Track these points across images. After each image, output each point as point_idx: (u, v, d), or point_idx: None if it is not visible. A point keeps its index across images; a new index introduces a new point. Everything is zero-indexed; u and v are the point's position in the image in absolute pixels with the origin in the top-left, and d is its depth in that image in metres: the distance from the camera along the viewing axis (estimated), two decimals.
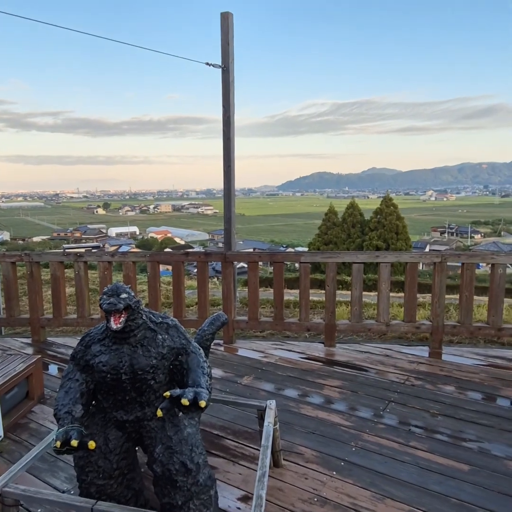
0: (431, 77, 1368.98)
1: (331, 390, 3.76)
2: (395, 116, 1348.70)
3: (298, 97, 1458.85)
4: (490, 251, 18.63)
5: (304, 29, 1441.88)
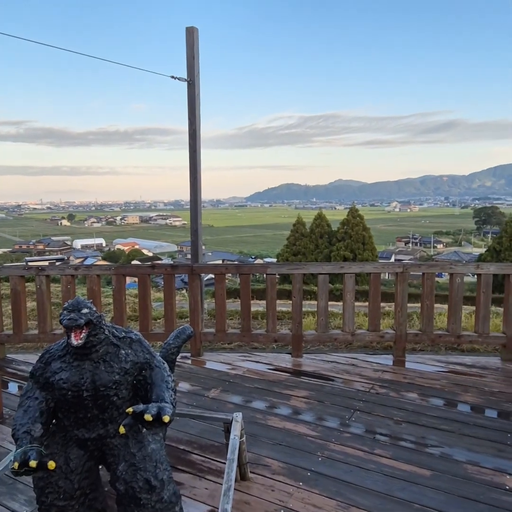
0: (393, 93, 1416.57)
1: (298, 401, 3.79)
2: (360, 129, 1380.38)
3: (265, 110, 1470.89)
4: (448, 261, 19.26)
5: (269, 43, 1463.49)
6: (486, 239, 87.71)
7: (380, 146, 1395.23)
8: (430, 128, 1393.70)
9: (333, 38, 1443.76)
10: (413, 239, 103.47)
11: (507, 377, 4.22)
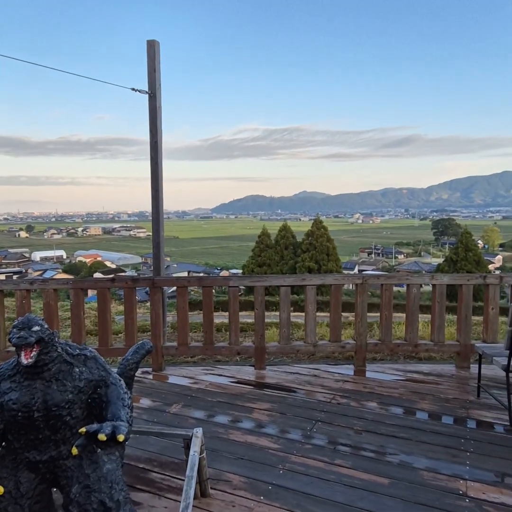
0: (355, 108, 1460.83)
1: (260, 414, 3.79)
2: (324, 143, 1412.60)
3: (230, 122, 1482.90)
4: (405, 272, 19.89)
5: (233, 57, 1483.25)
6: (444, 250, 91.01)
7: (342, 159, 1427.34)
8: (389, 143, 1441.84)
9: (297, 52, 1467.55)
10: (375, 249, 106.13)
11: (461, 383, 4.37)
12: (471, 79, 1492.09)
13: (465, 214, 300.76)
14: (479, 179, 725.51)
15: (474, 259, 44.30)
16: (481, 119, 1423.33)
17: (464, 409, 3.80)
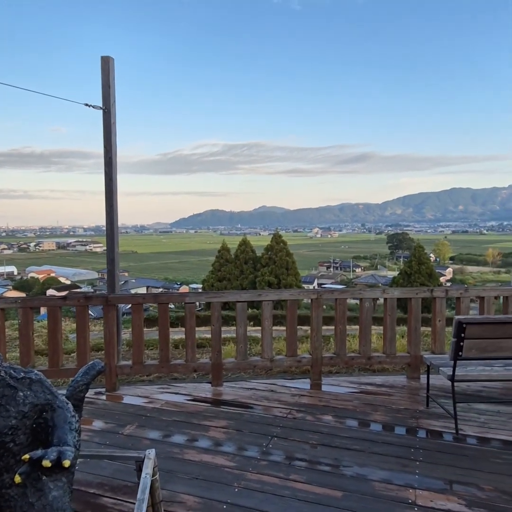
0: (313, 125, 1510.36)
1: (217, 431, 3.76)
2: (283, 158, 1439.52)
3: (190, 137, 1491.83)
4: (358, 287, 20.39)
5: (192, 73, 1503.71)
6: (398, 263, 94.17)
7: (301, 175, 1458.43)
8: (346, 160, 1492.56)
9: (256, 68, 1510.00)
10: (334, 263, 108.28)
11: (412, 394, 4.52)
12: (421, 102, 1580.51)
13: (417, 228, 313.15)
14: (430, 195, 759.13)
15: (427, 272, 46.11)
16: (431, 139, 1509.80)
17: (414, 419, 3.93)
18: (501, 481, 2.96)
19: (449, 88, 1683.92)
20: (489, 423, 3.79)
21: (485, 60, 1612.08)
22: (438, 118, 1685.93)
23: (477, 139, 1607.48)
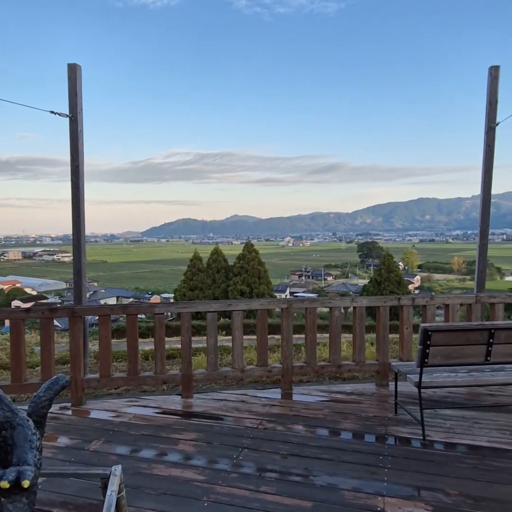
0: (283, 135, 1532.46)
1: (186, 444, 3.70)
2: (255, 168, 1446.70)
3: (161, 146, 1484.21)
4: (335, 293, 20.71)
5: (164, 81, 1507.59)
6: (369, 271, 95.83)
7: (273, 184, 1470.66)
8: (317, 169, 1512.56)
9: (228, 77, 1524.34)
10: (305, 272, 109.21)
11: (380, 401, 4.58)
12: (390, 115, 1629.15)
13: (386, 237, 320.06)
14: (398, 205, 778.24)
15: (396, 279, 47.12)
16: (399, 151, 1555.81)
17: (383, 426, 3.98)
18: (465, 485, 3.03)
19: (417, 103, 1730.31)
20: (454, 428, 3.88)
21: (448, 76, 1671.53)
22: (403, 134, 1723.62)
23: (442, 151, 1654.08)
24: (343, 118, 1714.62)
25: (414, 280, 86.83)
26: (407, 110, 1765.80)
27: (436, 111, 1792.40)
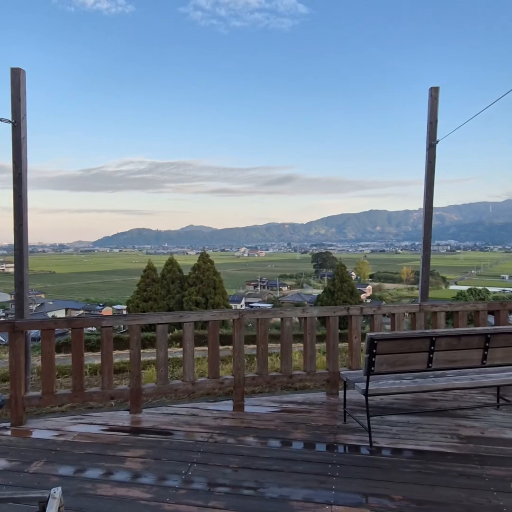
0: (240, 147, 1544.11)
1: (133, 462, 3.58)
2: (210, 178, 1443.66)
3: (115, 154, 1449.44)
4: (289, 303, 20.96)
5: (116, 89, 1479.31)
6: (323, 281, 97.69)
7: (229, 194, 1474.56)
8: (272, 180, 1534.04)
9: (181, 88, 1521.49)
10: (261, 282, 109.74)
11: (330, 410, 4.65)
12: (343, 129, 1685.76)
13: (340, 248, 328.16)
14: (350, 216, 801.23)
15: (349, 289, 48.35)
16: (351, 164, 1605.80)
17: (332, 434, 4.03)
18: (409, 489, 3.12)
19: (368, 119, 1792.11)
20: (399, 433, 4.00)
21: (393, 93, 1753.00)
22: (354, 148, 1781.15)
23: (392, 165, 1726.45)
24: (297, 131, 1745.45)
25: (366, 290, 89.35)
26: (358, 123, 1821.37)
27: (385, 124, 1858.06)
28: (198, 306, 40.98)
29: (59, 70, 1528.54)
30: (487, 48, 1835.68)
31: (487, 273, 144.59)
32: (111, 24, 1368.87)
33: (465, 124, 5.33)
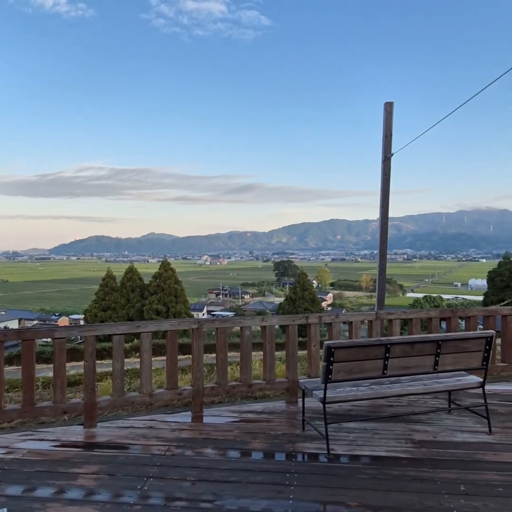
0: (203, 155, 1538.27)
1: (87, 479, 3.45)
2: (172, 186, 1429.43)
3: (73, 159, 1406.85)
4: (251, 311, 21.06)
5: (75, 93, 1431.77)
6: (284, 289, 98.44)
7: (191, 202, 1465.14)
8: (234, 189, 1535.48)
9: (144, 95, 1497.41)
10: (223, 290, 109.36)
11: (289, 418, 4.66)
12: (302, 143, 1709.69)
13: (301, 256, 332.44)
14: (312, 225, 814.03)
15: (310, 297, 48.96)
16: (313, 174, 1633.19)
17: (291, 443, 4.04)
18: (365, 496, 3.16)
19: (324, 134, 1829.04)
20: (356, 440, 4.06)
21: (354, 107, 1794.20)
22: (319, 156, 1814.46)
23: (353, 176, 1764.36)
24: (260, 141, 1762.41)
25: (327, 298, 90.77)
26: (322, 135, 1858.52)
27: (347, 135, 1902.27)
28: (159, 315, 40.28)
29: (16, 72, 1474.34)
30: (440, 66, 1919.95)
31: (441, 280, 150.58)
32: (69, 28, 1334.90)
33: (420, 138, 5.56)
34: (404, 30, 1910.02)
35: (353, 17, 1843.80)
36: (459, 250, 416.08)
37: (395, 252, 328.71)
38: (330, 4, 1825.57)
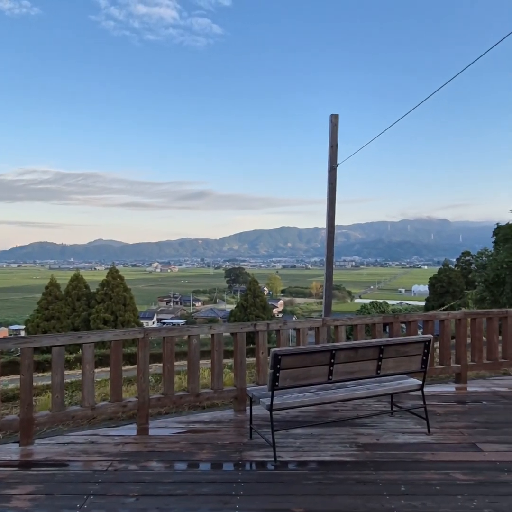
0: (152, 161, 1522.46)
1: (21, 500, 3.25)
2: (121, 191, 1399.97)
3: (15, 162, 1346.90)
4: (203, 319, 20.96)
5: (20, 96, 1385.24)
6: (236, 296, 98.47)
7: (141, 208, 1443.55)
8: (185, 196, 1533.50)
9: (92, 101, 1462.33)
10: (174, 298, 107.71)
11: (237, 427, 4.64)
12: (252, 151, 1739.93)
13: (252, 263, 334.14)
14: (263, 232, 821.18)
15: (261, 304, 49.25)
16: (263, 183, 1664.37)
17: (238, 452, 4.01)
18: (310, 501, 3.19)
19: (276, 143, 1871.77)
20: (303, 446, 4.09)
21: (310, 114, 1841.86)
22: (269, 164, 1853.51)
23: (303, 184, 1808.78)
24: (210, 148, 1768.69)
25: (278, 304, 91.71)
26: (273, 144, 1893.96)
27: (297, 144, 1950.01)
28: (106, 324, 39.00)
29: None
30: (385, 78, 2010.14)
31: (387, 287, 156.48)
32: (12, 25, 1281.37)
33: (365, 149, 5.75)
34: (358, 38, 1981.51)
35: (307, 26, 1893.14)
36: (403, 257, 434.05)
37: (344, 260, 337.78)
38: (284, 13, 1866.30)
